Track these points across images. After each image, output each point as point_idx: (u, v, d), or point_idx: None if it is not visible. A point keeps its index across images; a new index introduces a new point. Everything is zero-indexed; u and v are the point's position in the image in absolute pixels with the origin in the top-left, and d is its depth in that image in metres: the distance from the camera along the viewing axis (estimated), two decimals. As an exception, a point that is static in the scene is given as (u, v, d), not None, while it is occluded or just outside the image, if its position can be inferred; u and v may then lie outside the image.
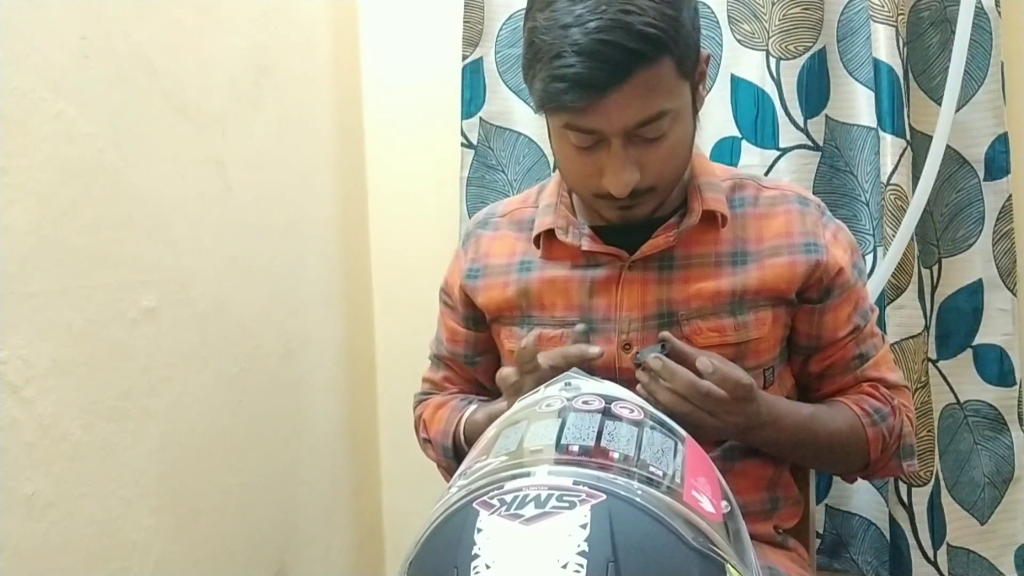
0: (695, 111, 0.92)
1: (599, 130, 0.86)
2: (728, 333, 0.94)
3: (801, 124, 1.37)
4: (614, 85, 0.81)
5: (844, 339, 0.98)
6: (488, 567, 0.51)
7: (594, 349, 0.88)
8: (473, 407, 1.04)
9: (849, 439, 0.96)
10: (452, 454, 1.04)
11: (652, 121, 0.85)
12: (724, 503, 0.60)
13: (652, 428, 0.64)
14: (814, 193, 1.34)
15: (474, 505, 0.55)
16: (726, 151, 1.41)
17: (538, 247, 1.00)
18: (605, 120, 0.84)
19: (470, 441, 1.00)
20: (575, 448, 0.58)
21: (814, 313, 0.97)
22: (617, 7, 0.80)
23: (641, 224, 0.95)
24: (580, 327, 0.92)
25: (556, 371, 0.82)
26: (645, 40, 0.80)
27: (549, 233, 0.99)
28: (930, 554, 1.35)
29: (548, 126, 0.92)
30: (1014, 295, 1.35)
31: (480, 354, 1.08)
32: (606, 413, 0.64)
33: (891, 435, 0.97)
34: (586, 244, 0.96)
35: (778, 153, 1.38)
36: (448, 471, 1.07)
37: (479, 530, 0.53)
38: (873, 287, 1.27)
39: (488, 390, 1.10)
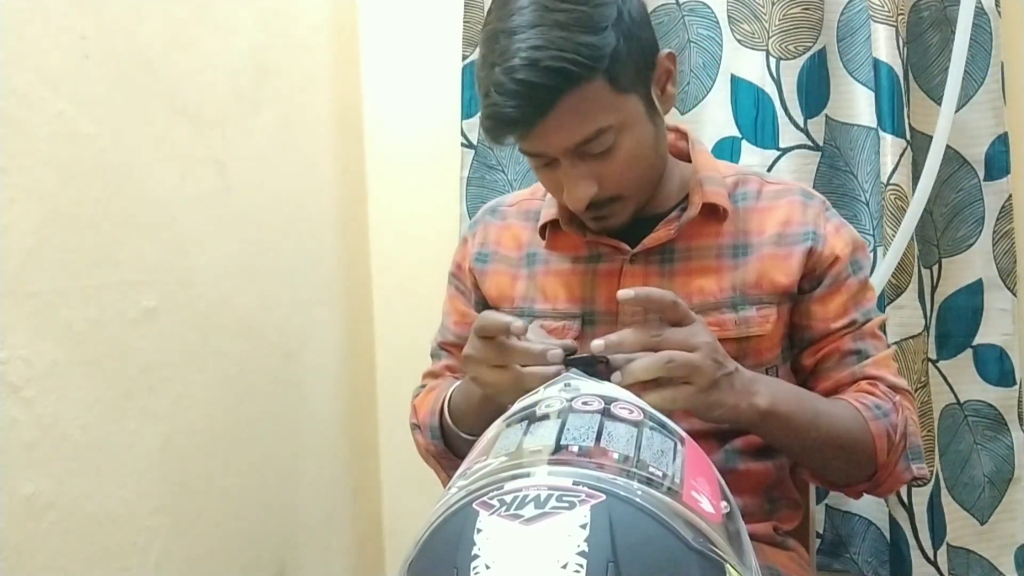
0: (657, 113, 0.92)
1: (543, 153, 0.89)
2: (729, 328, 0.93)
3: (801, 124, 1.37)
4: (538, 119, 0.83)
5: (838, 332, 0.96)
6: (488, 567, 0.51)
7: (518, 322, 0.82)
8: (458, 383, 1.02)
9: (854, 432, 0.90)
10: (439, 434, 1.02)
11: (593, 139, 0.86)
12: (724, 504, 0.60)
13: (651, 429, 0.64)
14: (814, 193, 1.34)
15: (474, 505, 0.55)
16: (726, 151, 1.41)
17: (543, 238, 1.01)
18: (545, 144, 0.87)
19: (455, 414, 0.99)
20: (575, 448, 0.58)
21: (804, 302, 0.97)
22: (531, 43, 0.82)
23: (644, 218, 0.95)
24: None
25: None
26: (556, 74, 0.81)
27: (554, 224, 1.00)
28: (930, 554, 1.35)
29: None
30: (1014, 295, 1.35)
31: None
32: (605, 414, 0.64)
33: (896, 432, 0.92)
34: (590, 234, 0.97)
35: (778, 153, 1.38)
36: (436, 457, 1.05)
37: (479, 530, 0.53)
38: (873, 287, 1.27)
39: None
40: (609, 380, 0.76)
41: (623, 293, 0.80)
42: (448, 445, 1.03)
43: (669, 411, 0.73)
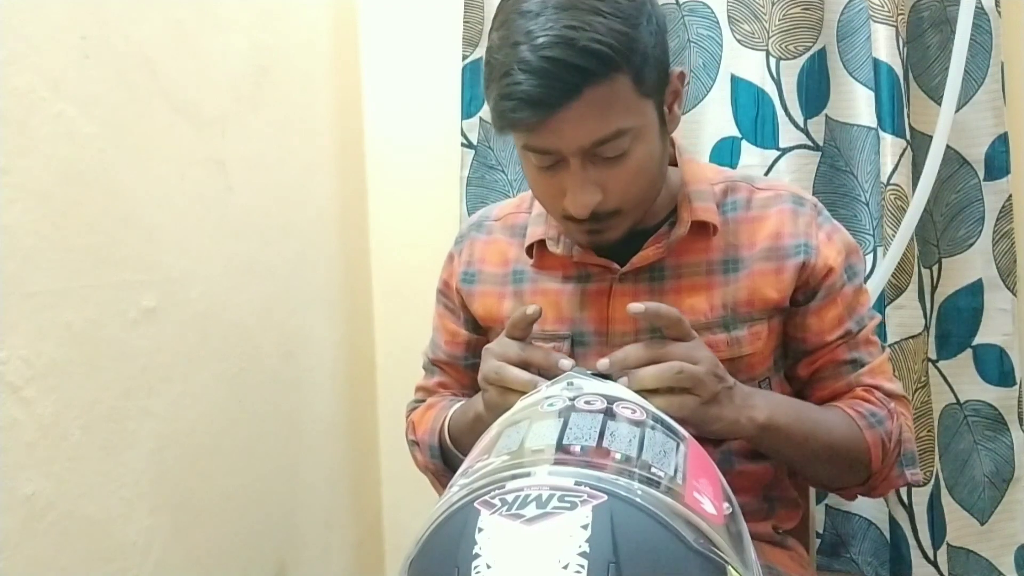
0: (665, 131, 0.90)
1: (555, 149, 0.84)
2: (721, 348, 0.92)
3: (801, 124, 1.37)
4: (563, 103, 0.79)
5: (832, 343, 0.95)
6: (489, 567, 0.51)
7: (531, 308, 0.85)
8: (459, 403, 1.03)
9: (849, 442, 0.92)
10: (438, 453, 1.03)
11: (610, 140, 0.83)
12: (726, 505, 0.60)
13: (654, 429, 0.63)
14: (814, 193, 1.34)
15: (475, 504, 0.55)
16: (726, 151, 1.41)
17: (531, 256, 0.99)
18: (559, 139, 0.82)
19: (454, 435, 0.99)
20: (577, 448, 0.58)
21: (798, 315, 0.96)
22: (564, 23, 0.78)
23: (632, 233, 0.93)
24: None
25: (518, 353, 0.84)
26: (592, 56, 0.78)
27: (541, 243, 0.98)
28: (930, 554, 1.35)
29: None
30: (1014, 295, 1.35)
31: (479, 356, 1.08)
32: (608, 413, 0.64)
33: (890, 440, 0.93)
34: (577, 255, 0.95)
35: (778, 153, 1.38)
36: (435, 474, 1.06)
37: (480, 529, 0.53)
38: (873, 287, 1.27)
39: None
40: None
41: (634, 307, 0.81)
42: (447, 464, 1.03)
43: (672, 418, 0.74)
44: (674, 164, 0.99)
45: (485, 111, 1.50)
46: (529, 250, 0.99)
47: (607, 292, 0.95)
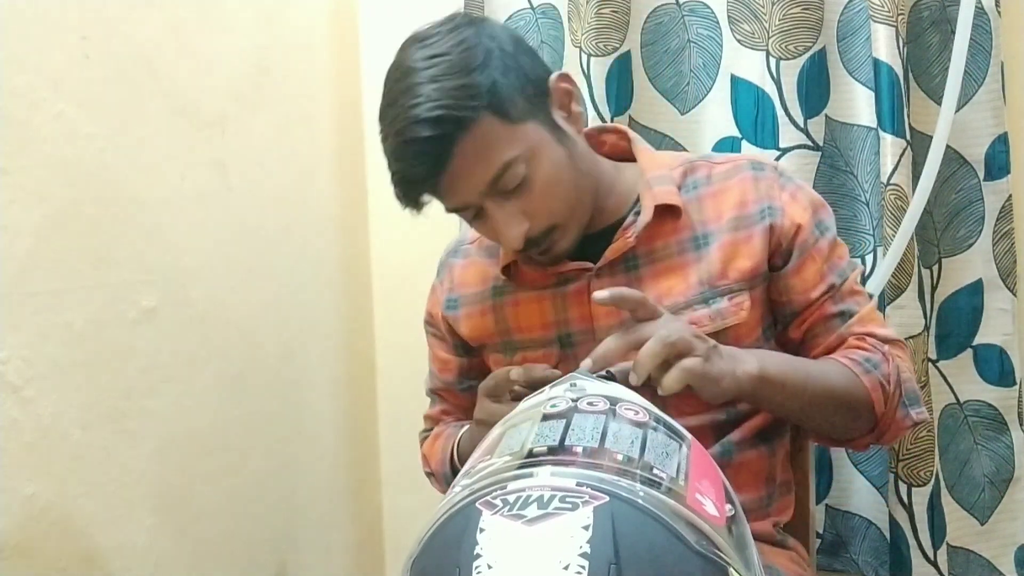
0: (566, 135, 0.92)
1: (464, 204, 0.89)
2: (704, 323, 0.93)
3: (801, 124, 1.37)
4: (440, 169, 0.84)
5: (819, 300, 0.96)
6: (490, 567, 0.51)
7: (515, 370, 0.88)
8: (465, 428, 1.04)
9: (848, 388, 0.91)
10: (452, 480, 1.04)
11: (502, 175, 0.86)
12: (728, 507, 0.60)
13: (657, 430, 0.64)
14: (814, 193, 1.34)
15: (477, 505, 0.55)
16: (726, 151, 1.41)
17: (508, 276, 1.01)
18: (458, 195, 0.88)
19: (463, 459, 1.00)
20: (579, 449, 0.58)
21: (780, 279, 0.96)
22: (409, 103, 0.84)
23: (601, 231, 0.96)
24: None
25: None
26: (437, 124, 0.82)
27: (515, 262, 1.00)
28: (930, 554, 1.35)
29: None
30: (1014, 295, 1.35)
31: (474, 379, 1.08)
32: (611, 414, 0.64)
33: (889, 382, 0.93)
34: (551, 266, 0.97)
35: (778, 153, 1.38)
36: None
37: (481, 530, 0.53)
38: (873, 287, 1.27)
39: None
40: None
41: (598, 295, 0.83)
42: None
43: (692, 386, 0.79)
44: (632, 159, 1.01)
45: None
46: (505, 271, 1.01)
47: (586, 290, 0.96)
